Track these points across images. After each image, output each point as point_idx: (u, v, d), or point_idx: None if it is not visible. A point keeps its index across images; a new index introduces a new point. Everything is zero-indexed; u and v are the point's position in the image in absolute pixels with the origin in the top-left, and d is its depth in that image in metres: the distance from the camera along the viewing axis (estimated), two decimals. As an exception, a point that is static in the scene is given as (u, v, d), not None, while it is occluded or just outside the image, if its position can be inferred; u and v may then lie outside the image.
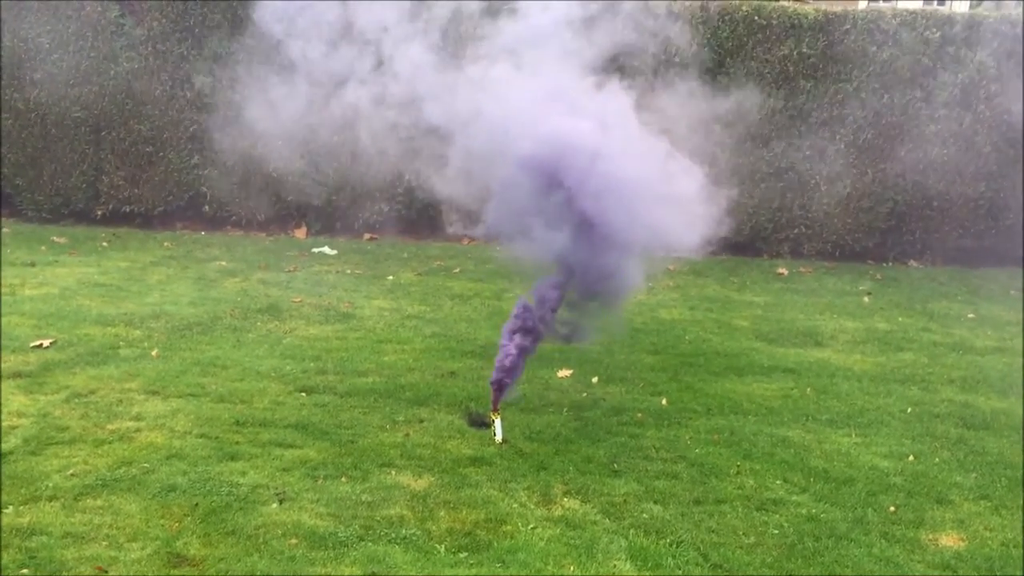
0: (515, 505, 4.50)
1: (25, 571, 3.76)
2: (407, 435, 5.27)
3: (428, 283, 9.08)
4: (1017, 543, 4.37)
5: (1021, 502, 4.78)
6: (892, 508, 4.66)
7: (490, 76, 5.54)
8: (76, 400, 5.53)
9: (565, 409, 5.78)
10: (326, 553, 4.00)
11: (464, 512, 4.41)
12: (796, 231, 11.13)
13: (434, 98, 5.61)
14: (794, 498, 4.73)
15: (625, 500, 4.61)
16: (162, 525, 4.16)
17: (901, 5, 10.89)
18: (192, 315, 7.43)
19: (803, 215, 11.05)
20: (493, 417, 5.26)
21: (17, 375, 5.84)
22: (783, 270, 10.47)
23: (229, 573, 3.82)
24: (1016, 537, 4.42)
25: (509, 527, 4.29)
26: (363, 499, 4.49)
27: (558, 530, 4.28)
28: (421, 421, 5.50)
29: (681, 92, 6.53)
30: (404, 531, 4.21)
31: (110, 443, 4.95)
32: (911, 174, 10.88)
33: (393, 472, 4.79)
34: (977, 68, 10.73)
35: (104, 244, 10.20)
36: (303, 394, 5.84)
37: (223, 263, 9.53)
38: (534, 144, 5.21)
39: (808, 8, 10.96)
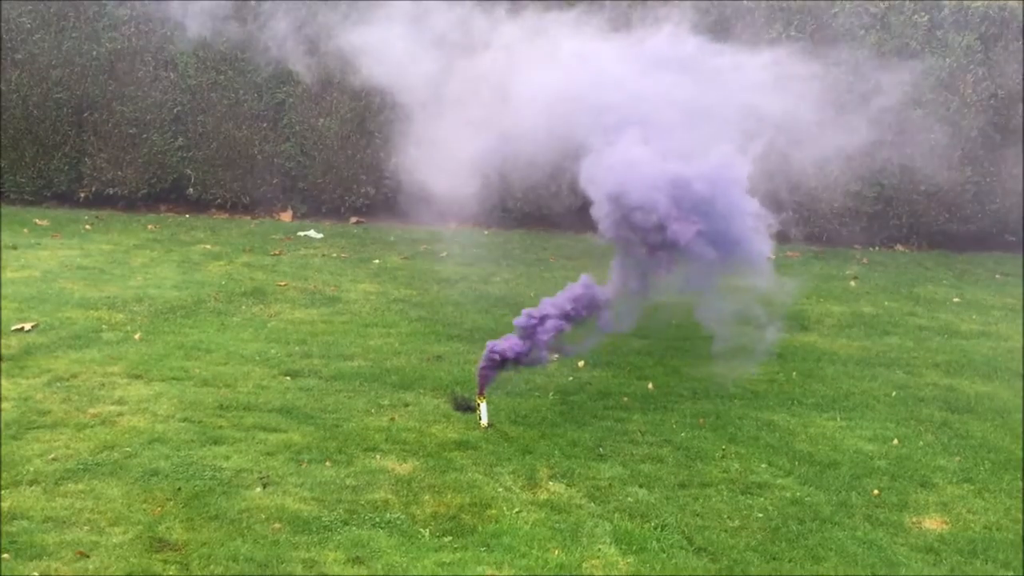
0: (500, 489, 4.49)
1: (6, 556, 3.73)
2: (392, 419, 5.25)
3: (414, 267, 9.05)
4: (1000, 526, 4.39)
5: (1004, 485, 4.80)
6: (876, 491, 4.67)
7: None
8: (58, 384, 5.48)
9: (551, 393, 5.77)
10: (310, 537, 3.98)
11: (449, 496, 4.39)
12: (783, 216, 11.10)
13: None
14: (779, 481, 4.73)
15: (610, 484, 4.61)
16: (144, 509, 4.13)
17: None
18: (176, 298, 7.37)
19: (790, 200, 11.03)
20: (478, 401, 5.25)
21: (-2, 359, 5.80)
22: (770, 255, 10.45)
23: (212, 557, 3.80)
24: (999, 520, 4.44)
25: (494, 511, 4.28)
26: (347, 483, 4.47)
27: (543, 514, 4.28)
28: (406, 405, 5.48)
29: None
30: (388, 515, 4.20)
31: (92, 427, 4.92)
32: (898, 158, 10.88)
33: (378, 456, 4.77)
34: (964, 52, 10.72)
35: (87, 227, 10.11)
36: (288, 378, 5.81)
37: (207, 246, 9.47)
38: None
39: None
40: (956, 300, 8.72)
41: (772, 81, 6.27)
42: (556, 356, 6.30)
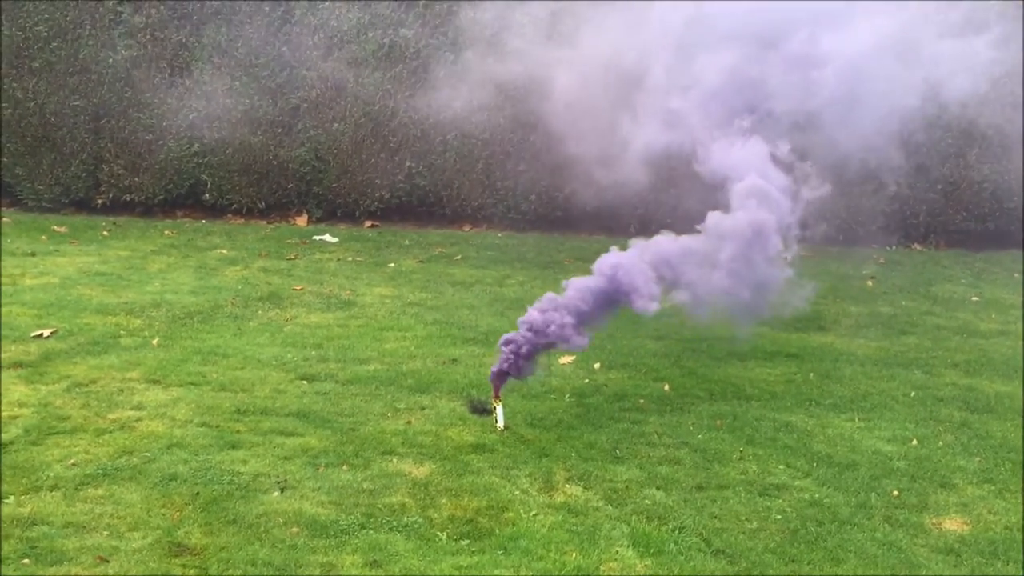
0: (517, 492, 4.49)
1: (26, 561, 3.75)
2: (408, 422, 5.25)
3: (429, 270, 9.06)
4: (1020, 526, 4.35)
5: (1025, 486, 4.77)
6: (895, 492, 4.64)
7: None
8: (77, 390, 5.52)
9: (567, 395, 5.76)
10: (327, 541, 3.99)
11: (466, 499, 4.39)
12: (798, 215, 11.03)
13: None
14: (797, 483, 4.71)
15: (627, 486, 4.60)
16: (163, 514, 4.15)
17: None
18: (193, 304, 7.41)
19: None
20: (495, 404, 5.25)
21: (18, 365, 5.84)
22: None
23: (230, 562, 3.81)
24: (1019, 521, 4.40)
25: (511, 514, 4.27)
26: (364, 487, 4.47)
27: (560, 517, 4.27)
28: (422, 408, 5.48)
29: None
30: (406, 519, 4.20)
31: (111, 432, 4.94)
32: (914, 157, 10.81)
33: (394, 460, 4.78)
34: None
35: (105, 233, 10.18)
36: (304, 382, 5.82)
37: (224, 251, 9.51)
38: None
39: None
40: (974, 299, 8.66)
41: None
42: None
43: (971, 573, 3.98)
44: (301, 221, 11.29)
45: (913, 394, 6.01)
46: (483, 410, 5.38)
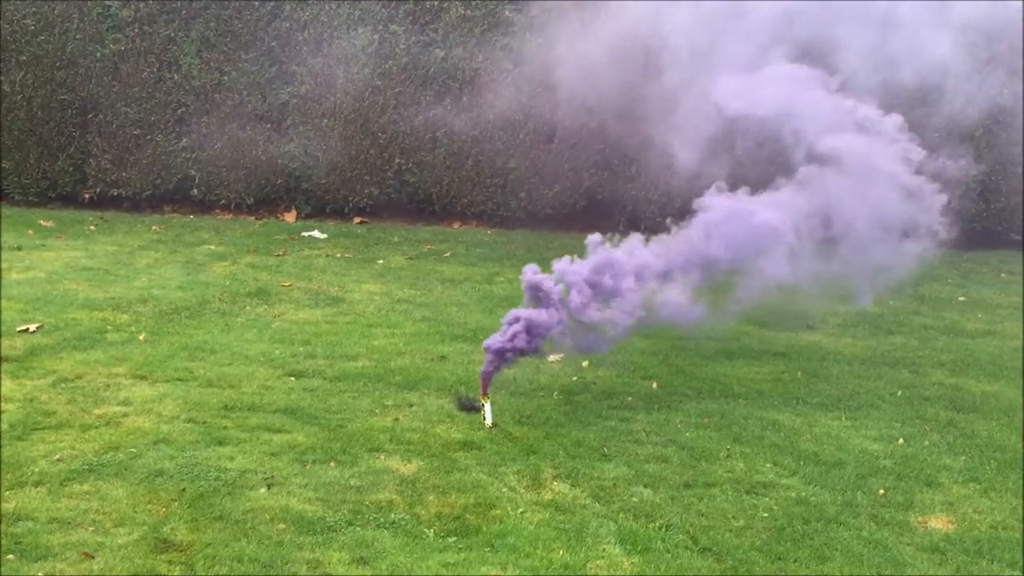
0: (504, 489, 4.49)
1: (11, 557, 3.73)
2: (396, 419, 5.25)
3: (418, 267, 9.05)
4: (1006, 525, 4.37)
5: (1010, 485, 4.79)
6: (881, 491, 4.66)
7: None
8: (63, 385, 5.49)
9: (555, 393, 5.76)
10: (314, 538, 3.98)
11: (453, 496, 4.39)
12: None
13: None
14: (784, 481, 4.72)
15: (615, 484, 4.60)
16: (149, 510, 4.13)
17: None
18: (180, 299, 7.38)
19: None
20: (483, 401, 5.24)
21: (3, 360, 5.80)
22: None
23: (216, 558, 3.80)
24: (1005, 519, 4.43)
25: (498, 511, 4.27)
26: (352, 484, 4.46)
27: (548, 514, 4.27)
28: (411, 405, 5.48)
29: None
30: (393, 516, 4.19)
31: (97, 428, 4.92)
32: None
33: (382, 456, 4.77)
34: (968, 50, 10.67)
35: (91, 228, 10.13)
36: (292, 378, 5.81)
37: (212, 247, 9.48)
38: None
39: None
40: (961, 299, 8.71)
41: None
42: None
43: (956, 572, 4.00)
44: (290, 217, 11.26)
45: (900, 393, 6.04)
46: (471, 407, 5.38)
